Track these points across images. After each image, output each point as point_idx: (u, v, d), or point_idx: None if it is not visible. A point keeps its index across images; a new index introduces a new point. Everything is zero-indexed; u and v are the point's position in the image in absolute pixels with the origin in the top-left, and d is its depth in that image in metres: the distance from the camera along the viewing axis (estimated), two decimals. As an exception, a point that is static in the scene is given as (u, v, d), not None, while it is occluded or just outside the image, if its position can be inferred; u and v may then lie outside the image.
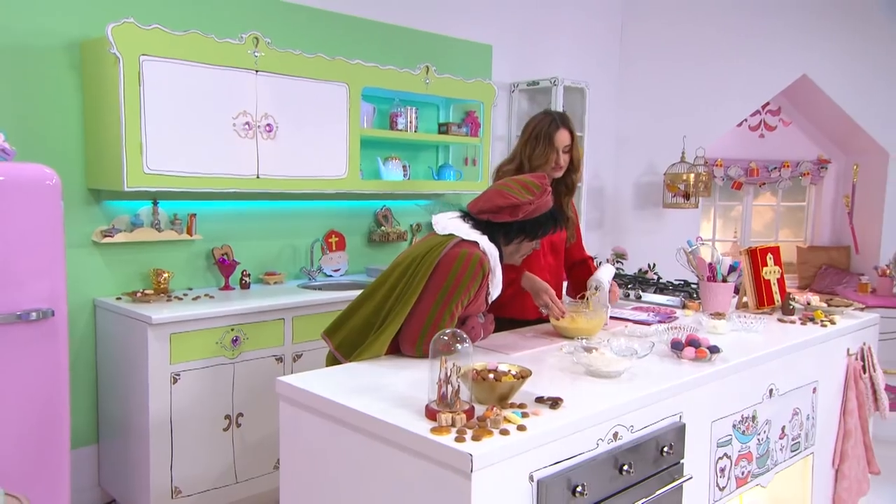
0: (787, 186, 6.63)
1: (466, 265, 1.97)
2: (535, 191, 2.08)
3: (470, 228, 2.07)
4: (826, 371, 2.52)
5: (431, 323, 1.96)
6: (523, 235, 2.12)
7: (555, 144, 2.52)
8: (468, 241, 2.03)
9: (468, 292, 1.99)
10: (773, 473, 2.29)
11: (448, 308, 1.97)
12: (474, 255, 1.99)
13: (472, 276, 1.97)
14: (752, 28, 5.48)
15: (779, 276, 2.87)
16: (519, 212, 2.06)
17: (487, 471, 1.37)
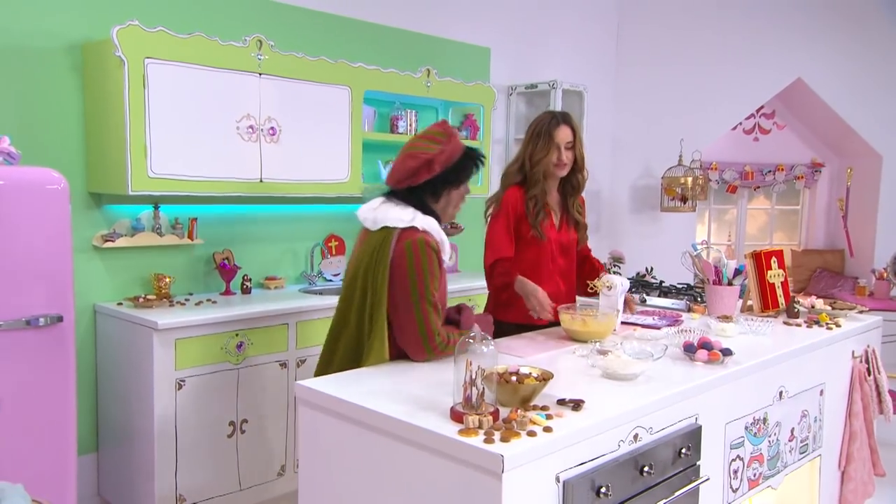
0: (781, 190, 6.75)
1: (417, 253, 1.99)
2: (440, 139, 2.09)
3: (400, 210, 2.06)
4: (832, 373, 2.59)
5: (422, 321, 1.99)
6: (448, 186, 2.13)
7: (555, 140, 2.54)
8: (406, 228, 2.04)
9: (433, 277, 2.02)
10: (783, 475, 2.35)
11: (427, 300, 2.00)
12: (419, 240, 2.01)
13: (427, 260, 2.00)
14: (747, 32, 5.59)
15: (783, 280, 2.94)
16: (435, 165, 2.06)
17: (517, 472, 1.40)
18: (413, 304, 2.00)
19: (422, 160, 2.07)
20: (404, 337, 2.03)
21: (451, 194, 2.16)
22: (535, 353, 2.19)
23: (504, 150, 4.72)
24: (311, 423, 1.81)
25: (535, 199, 2.59)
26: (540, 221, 2.60)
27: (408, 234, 2.03)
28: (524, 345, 2.30)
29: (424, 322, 2.00)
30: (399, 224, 2.05)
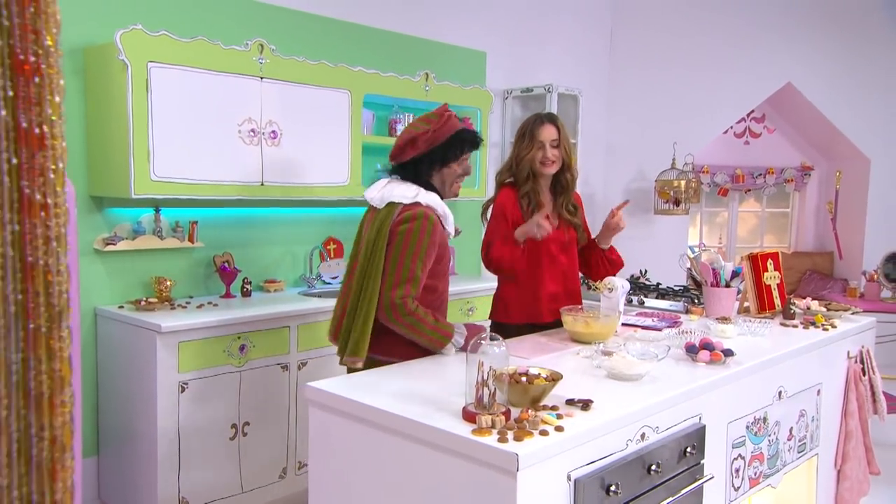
0: (771, 193, 6.84)
1: (414, 221, 2.13)
2: (432, 119, 2.23)
3: (405, 187, 2.21)
4: (829, 373, 2.64)
5: (394, 272, 2.09)
6: (437, 164, 2.25)
7: (539, 139, 2.62)
8: (408, 204, 2.17)
9: (425, 245, 2.12)
10: (782, 474, 2.39)
11: (405, 263, 2.10)
12: (419, 212, 2.15)
13: (421, 229, 2.13)
14: (738, 37, 5.66)
15: (778, 282, 2.99)
16: (419, 143, 2.20)
17: (530, 470, 1.43)
18: (391, 262, 2.11)
19: (407, 138, 2.24)
20: (379, 296, 2.12)
21: (442, 172, 2.27)
22: (540, 354, 2.21)
23: (500, 154, 4.75)
24: (321, 424, 1.83)
25: (528, 197, 2.65)
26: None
27: (410, 207, 2.17)
28: (528, 347, 2.33)
29: (394, 277, 2.09)
30: (403, 200, 2.19)
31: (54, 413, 0.72)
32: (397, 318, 2.10)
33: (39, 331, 0.68)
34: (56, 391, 0.71)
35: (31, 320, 0.68)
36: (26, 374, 0.68)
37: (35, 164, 0.66)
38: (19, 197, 0.65)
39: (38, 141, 0.64)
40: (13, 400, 0.67)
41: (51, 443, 0.72)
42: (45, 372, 0.68)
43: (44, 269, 0.68)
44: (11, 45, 0.61)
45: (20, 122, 0.63)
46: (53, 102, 0.69)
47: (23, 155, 0.64)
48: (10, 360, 0.68)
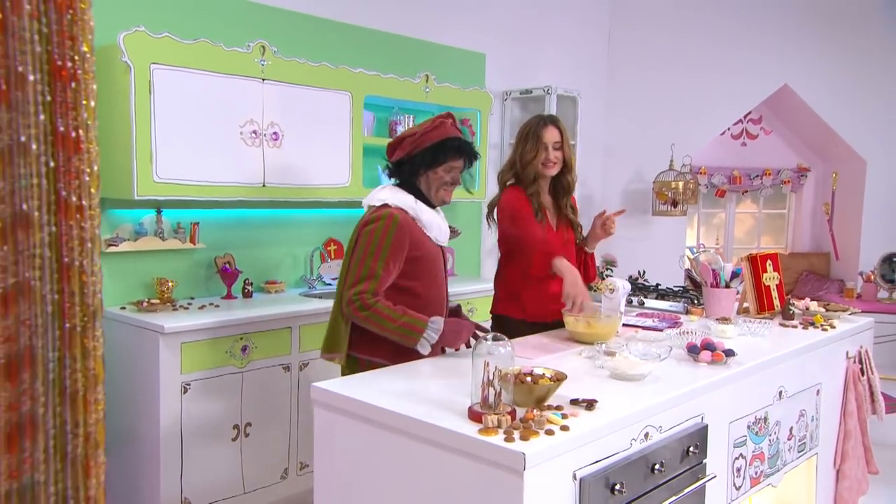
0: (768, 194, 6.87)
1: (377, 221, 2.16)
2: (426, 124, 2.27)
3: (384, 191, 2.26)
4: (828, 373, 2.66)
5: (355, 271, 2.13)
6: (423, 167, 2.26)
7: (543, 140, 2.64)
8: (378, 206, 2.23)
9: (383, 245, 2.14)
10: (782, 473, 2.41)
11: (365, 262, 2.13)
12: (383, 213, 2.18)
13: (384, 229, 2.15)
14: (735, 39, 5.69)
15: (777, 283, 3.01)
16: (405, 145, 2.24)
17: (537, 469, 1.44)
18: (357, 255, 2.16)
19: (398, 138, 2.29)
20: (342, 291, 2.19)
21: (427, 177, 2.28)
22: (542, 354, 2.23)
23: (499, 155, 4.77)
24: (326, 424, 1.84)
25: (532, 199, 2.67)
26: (540, 220, 2.66)
27: (378, 209, 2.22)
28: (530, 347, 2.34)
29: (354, 276, 2.13)
30: (375, 202, 2.24)
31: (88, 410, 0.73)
32: (355, 314, 2.12)
33: (75, 330, 0.69)
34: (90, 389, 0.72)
35: (67, 320, 0.69)
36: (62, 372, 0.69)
37: (71, 167, 0.68)
38: (56, 199, 0.66)
39: (73, 144, 0.65)
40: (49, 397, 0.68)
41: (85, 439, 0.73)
42: (79, 370, 0.70)
43: (79, 269, 0.69)
44: (49, 51, 0.62)
45: (57, 126, 0.64)
46: (88, 107, 0.70)
47: (59, 158, 0.65)
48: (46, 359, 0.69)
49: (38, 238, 0.68)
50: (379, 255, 2.14)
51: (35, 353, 0.67)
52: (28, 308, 0.69)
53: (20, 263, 0.67)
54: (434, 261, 2.30)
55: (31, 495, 0.69)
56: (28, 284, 0.68)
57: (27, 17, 0.64)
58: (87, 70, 0.72)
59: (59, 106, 0.64)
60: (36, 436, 0.68)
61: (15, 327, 0.69)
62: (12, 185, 0.67)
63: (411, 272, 2.22)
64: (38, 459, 0.73)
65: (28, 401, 0.67)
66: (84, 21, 0.68)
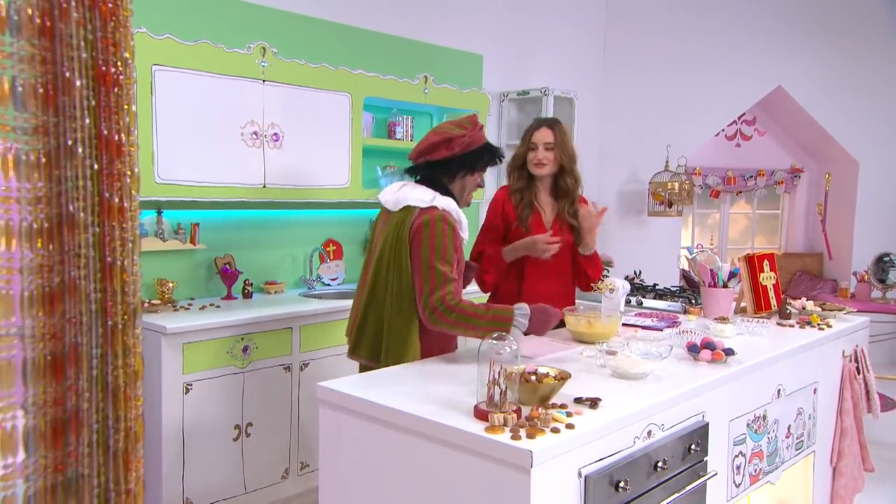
0: (762, 195, 6.92)
1: (434, 224, 2.12)
2: (466, 126, 2.24)
3: (421, 191, 2.20)
4: (825, 372, 2.69)
5: (428, 274, 2.08)
6: (464, 170, 2.25)
7: (532, 140, 2.72)
8: (425, 207, 2.17)
9: (448, 247, 2.12)
10: (780, 471, 2.43)
11: (436, 267, 2.09)
12: (436, 215, 2.14)
13: (442, 232, 2.12)
14: (730, 41, 5.73)
15: (774, 282, 3.04)
16: (454, 144, 2.20)
17: (543, 467, 1.46)
18: (423, 260, 2.10)
19: (443, 137, 2.22)
20: (418, 305, 2.12)
21: (465, 179, 2.28)
22: (544, 354, 2.24)
23: (497, 156, 4.78)
24: (332, 423, 1.85)
25: (520, 195, 2.73)
26: (526, 218, 2.71)
27: (427, 211, 2.16)
28: (532, 346, 2.35)
29: (429, 284, 2.07)
30: (420, 204, 2.18)
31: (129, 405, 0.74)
32: (443, 319, 2.07)
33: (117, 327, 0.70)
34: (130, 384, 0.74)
35: (109, 317, 0.70)
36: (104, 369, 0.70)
37: (114, 170, 0.69)
38: (100, 201, 0.68)
39: (116, 147, 0.67)
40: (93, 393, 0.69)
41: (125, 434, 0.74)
42: (121, 366, 0.71)
43: (120, 268, 0.71)
44: (94, 57, 0.63)
45: (101, 129, 0.66)
46: (130, 111, 0.71)
47: (103, 161, 0.66)
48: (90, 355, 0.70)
49: (83, 238, 0.70)
50: (445, 258, 2.11)
51: (80, 350, 0.68)
52: (74, 306, 0.70)
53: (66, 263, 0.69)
54: (463, 262, 2.32)
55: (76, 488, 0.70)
56: (74, 283, 0.70)
57: (74, 24, 0.65)
58: (128, 75, 0.74)
59: (103, 110, 0.65)
60: (80, 430, 0.69)
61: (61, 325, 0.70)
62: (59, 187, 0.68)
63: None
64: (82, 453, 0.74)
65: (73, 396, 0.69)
66: (126, 28, 0.69)
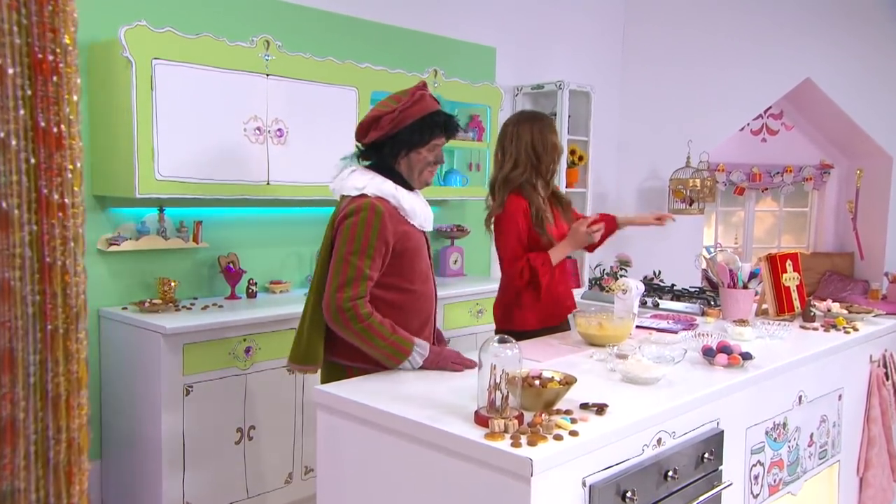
0: (789, 191, 6.81)
1: (358, 215, 1.99)
2: (402, 98, 2.06)
3: (359, 176, 2.07)
4: (851, 378, 2.63)
5: (338, 274, 1.97)
6: (402, 149, 2.07)
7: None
8: (355, 196, 2.04)
9: (368, 241, 1.97)
10: (802, 481, 2.38)
11: (350, 261, 1.96)
12: (363, 203, 2.00)
13: (366, 222, 1.97)
14: (755, 32, 5.64)
15: (798, 283, 2.97)
16: (383, 123, 2.03)
17: (545, 475, 1.43)
18: (336, 261, 1.99)
19: (372, 116, 2.07)
20: (324, 298, 2.01)
21: (409, 157, 2.10)
22: (552, 357, 2.21)
23: (510, 152, 4.75)
24: (329, 428, 1.84)
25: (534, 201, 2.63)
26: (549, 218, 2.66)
27: (356, 199, 2.04)
28: (540, 349, 2.33)
29: (339, 278, 1.96)
30: (352, 192, 2.06)
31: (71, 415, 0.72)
32: (346, 325, 1.96)
33: (57, 332, 0.68)
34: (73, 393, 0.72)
35: (49, 321, 0.68)
36: (44, 376, 0.68)
37: (53, 164, 0.67)
38: (37, 197, 0.66)
39: (56, 140, 0.65)
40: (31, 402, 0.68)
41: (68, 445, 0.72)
42: (62, 374, 0.69)
43: (62, 269, 0.68)
44: (30, 44, 0.61)
45: (38, 121, 0.64)
46: (71, 101, 0.69)
47: (41, 154, 0.65)
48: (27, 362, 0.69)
49: (18, 237, 0.68)
50: (365, 252, 1.96)
51: (15, 356, 0.66)
52: (8, 310, 0.69)
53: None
54: (420, 252, 2.14)
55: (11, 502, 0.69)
56: (7, 285, 0.68)
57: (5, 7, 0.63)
58: (69, 63, 0.72)
59: (40, 100, 0.63)
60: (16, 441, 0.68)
61: (-7, 329, 0.69)
62: (-9, 183, 0.67)
63: (398, 268, 2.06)
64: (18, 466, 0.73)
65: (8, 405, 0.67)
66: (66, 13, 0.67)
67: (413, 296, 2.13)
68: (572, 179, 4.80)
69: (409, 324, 2.09)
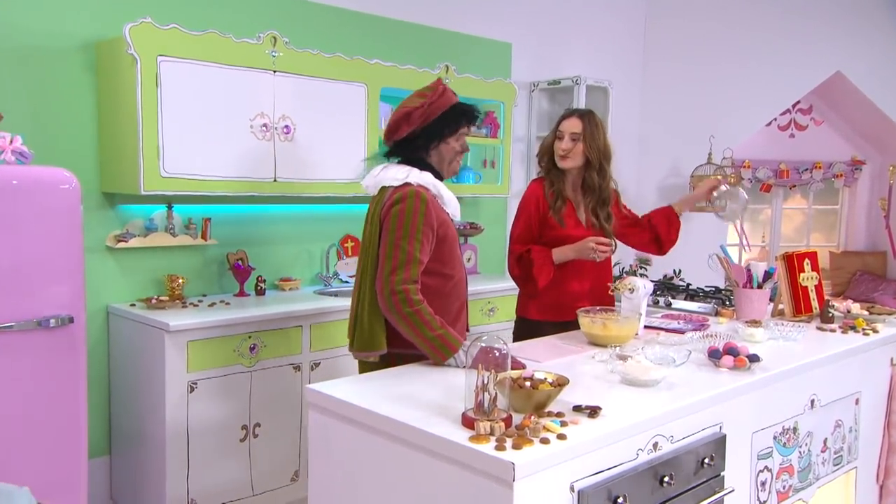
0: (818, 189, 6.64)
1: (405, 202, 2.07)
2: (427, 93, 2.18)
3: (396, 170, 2.17)
4: (869, 382, 2.54)
5: (390, 258, 2.03)
6: (434, 140, 2.19)
7: (559, 128, 2.68)
8: (398, 186, 2.13)
9: (417, 225, 2.06)
10: (815, 488, 2.31)
11: (401, 245, 2.04)
12: (409, 191, 2.10)
13: (413, 209, 2.07)
14: (783, 23, 5.50)
15: (816, 283, 2.89)
16: (413, 118, 2.15)
17: (529, 480, 1.40)
18: (387, 246, 2.06)
19: (402, 113, 2.18)
20: (377, 282, 2.07)
21: (440, 148, 2.21)
22: (554, 357, 2.18)
23: (526, 148, 4.70)
24: (321, 427, 1.83)
25: (549, 182, 2.70)
26: (559, 210, 2.67)
27: (400, 189, 2.13)
28: (543, 349, 2.29)
29: (392, 262, 2.03)
30: (394, 182, 2.15)
31: None
32: (397, 307, 2.01)
33: None
34: None
35: None
36: None
37: None
38: None
39: None
40: None
41: None
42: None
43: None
44: None
45: None
46: None
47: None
48: None
49: None
50: (414, 236, 2.05)
51: None
52: None
53: None
54: (455, 239, 2.25)
55: None
56: None
57: None
58: None
59: None
60: None
61: None
62: None
63: (440, 254, 2.16)
64: None
65: None
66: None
67: (452, 281, 2.23)
68: (589, 176, 4.72)
69: (450, 307, 2.19)
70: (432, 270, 2.14)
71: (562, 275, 2.66)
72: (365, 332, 2.13)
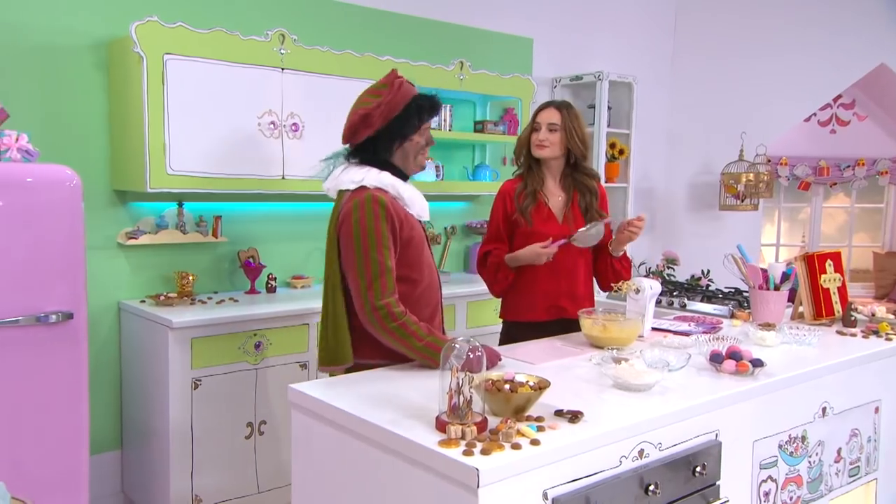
0: (862, 186, 6.41)
1: (362, 208, 1.97)
2: (382, 91, 2.05)
3: (354, 171, 2.06)
4: (890, 389, 2.42)
5: (363, 276, 1.95)
6: (397, 139, 2.07)
7: (537, 120, 2.60)
8: (354, 189, 2.03)
9: (380, 235, 1.96)
10: (827, 499, 2.21)
11: (371, 258, 1.95)
12: (365, 197, 1.99)
13: (373, 214, 1.96)
14: (821, 14, 5.31)
15: (839, 285, 2.77)
16: (373, 120, 2.03)
17: (496, 486, 1.36)
18: (356, 260, 1.97)
19: (359, 116, 2.06)
20: (354, 300, 2.00)
21: (403, 148, 2.10)
22: (550, 359, 2.13)
23: (547, 145, 4.63)
24: (302, 428, 1.82)
25: (522, 183, 2.63)
26: (527, 208, 2.58)
27: (356, 193, 2.02)
28: (539, 351, 2.24)
29: (365, 277, 1.95)
30: (350, 186, 2.05)
31: None
32: (381, 324, 1.94)
33: None
34: None
35: None
36: None
37: None
38: None
39: None
40: None
41: None
42: None
43: None
44: None
45: None
46: None
47: None
48: None
49: None
50: (381, 243, 1.96)
51: None
52: None
53: None
54: (422, 241, 2.13)
55: None
56: None
57: None
58: None
59: None
60: None
61: None
62: None
63: (406, 258, 2.05)
64: None
65: None
66: None
67: (420, 286, 2.12)
68: (612, 174, 4.64)
69: (419, 314, 2.08)
70: (399, 276, 2.04)
71: (533, 274, 2.59)
72: (330, 345, 2.07)
